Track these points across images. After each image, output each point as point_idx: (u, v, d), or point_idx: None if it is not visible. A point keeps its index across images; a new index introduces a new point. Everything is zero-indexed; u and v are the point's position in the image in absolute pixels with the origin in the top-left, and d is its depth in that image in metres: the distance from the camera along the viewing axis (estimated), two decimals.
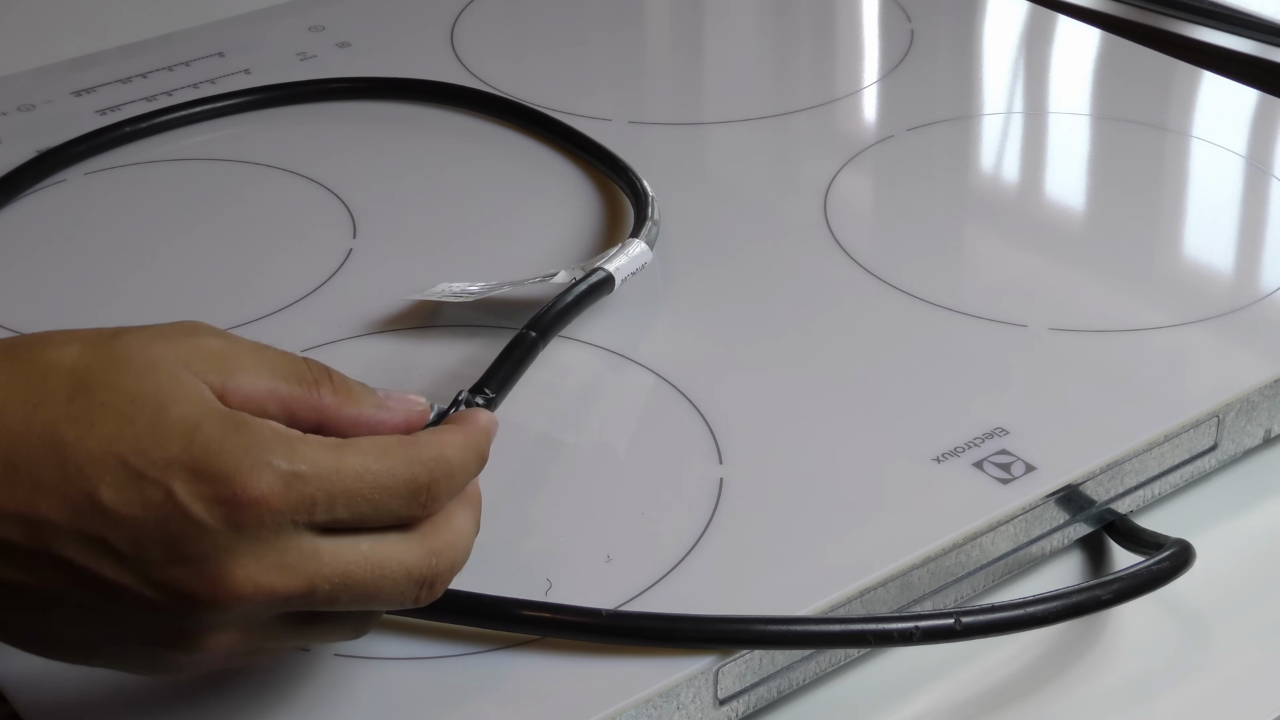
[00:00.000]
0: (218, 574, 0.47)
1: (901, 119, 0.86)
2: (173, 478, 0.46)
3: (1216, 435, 0.67)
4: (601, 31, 0.98)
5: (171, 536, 0.46)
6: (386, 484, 0.49)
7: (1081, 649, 0.60)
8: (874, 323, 0.72)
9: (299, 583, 0.48)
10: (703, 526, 0.61)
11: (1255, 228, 0.79)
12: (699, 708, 0.56)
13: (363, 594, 0.49)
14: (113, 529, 0.46)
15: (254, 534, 0.47)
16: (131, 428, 0.47)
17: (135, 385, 0.47)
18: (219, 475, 0.46)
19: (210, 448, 0.47)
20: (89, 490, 0.46)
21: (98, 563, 0.47)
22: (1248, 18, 0.97)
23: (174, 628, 0.48)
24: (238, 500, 0.46)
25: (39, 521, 0.46)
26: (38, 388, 0.47)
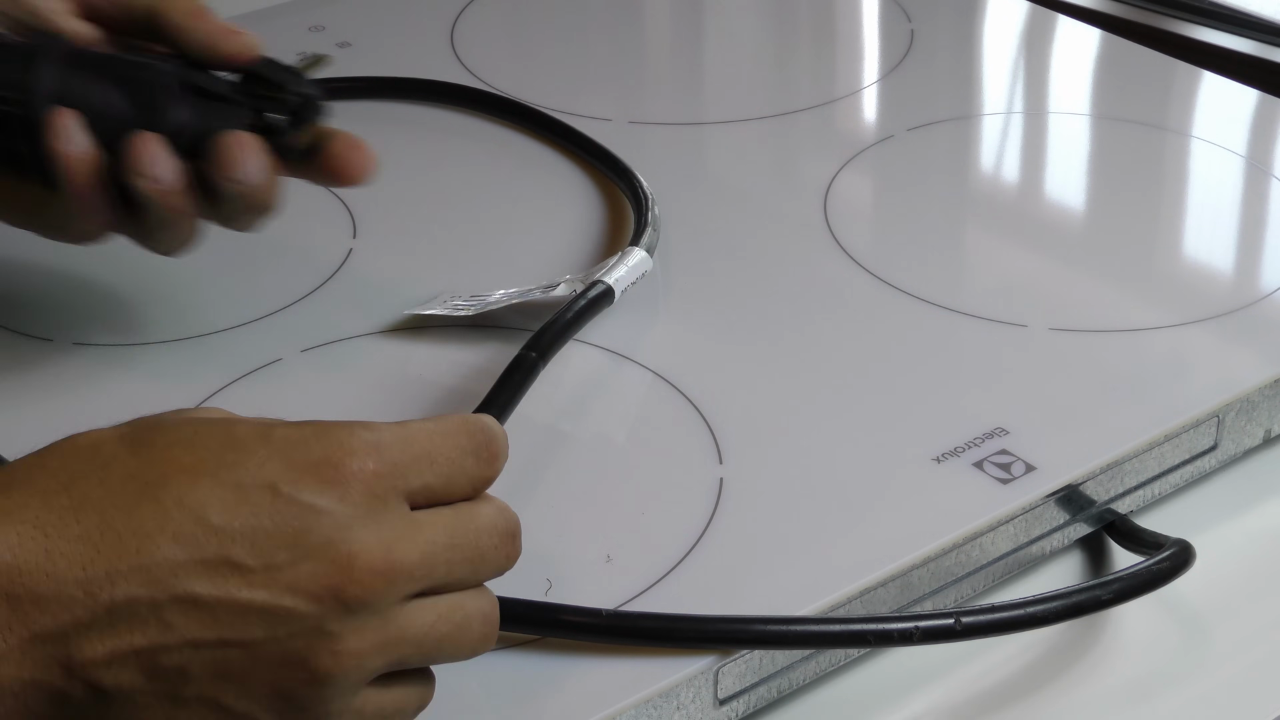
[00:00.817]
0: (346, 554, 0.46)
1: (901, 119, 0.86)
2: (272, 477, 0.46)
3: (1216, 435, 0.67)
4: (601, 31, 0.98)
5: (291, 531, 0.46)
6: (453, 438, 0.49)
7: (1081, 649, 0.60)
8: (874, 323, 0.72)
9: (415, 552, 0.47)
10: (703, 526, 0.61)
11: (1255, 228, 0.79)
12: (699, 708, 0.56)
13: (470, 554, 0.49)
14: (231, 544, 0.46)
15: (365, 506, 0.47)
16: (209, 452, 0.47)
17: (186, 427, 0.48)
18: (314, 461, 0.47)
19: (291, 440, 0.47)
20: (196, 516, 0.46)
21: (225, 587, 0.46)
22: (1248, 18, 0.97)
23: (313, 642, 0.46)
24: (341, 476, 0.47)
25: (155, 565, 0.45)
26: (95, 456, 0.47)
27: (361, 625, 0.47)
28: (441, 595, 0.49)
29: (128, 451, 0.47)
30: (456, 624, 0.49)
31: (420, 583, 0.48)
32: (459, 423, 0.50)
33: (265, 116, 0.65)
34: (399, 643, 0.48)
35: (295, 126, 0.65)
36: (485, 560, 0.50)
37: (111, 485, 0.46)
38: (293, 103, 0.65)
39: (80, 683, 0.45)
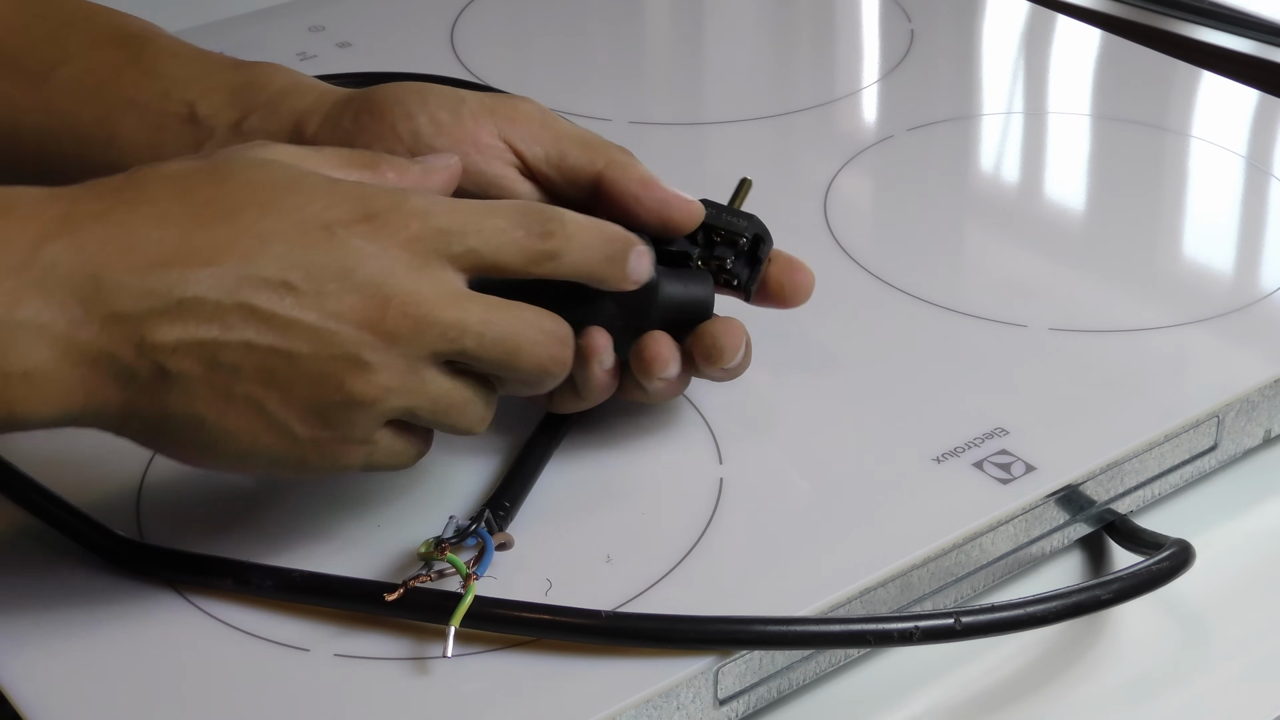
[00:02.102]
0: (385, 294, 0.53)
1: (901, 119, 0.86)
2: (330, 220, 0.54)
3: (1216, 435, 0.67)
4: (601, 31, 0.98)
5: (341, 267, 0.53)
6: (503, 212, 0.56)
7: (1081, 649, 0.60)
8: (874, 323, 0.72)
9: (449, 312, 0.54)
10: (703, 526, 0.61)
11: (1255, 228, 0.79)
12: (699, 708, 0.56)
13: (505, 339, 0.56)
14: (289, 269, 0.53)
15: (408, 263, 0.54)
16: (281, 190, 0.54)
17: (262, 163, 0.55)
18: (367, 211, 0.54)
19: (352, 193, 0.55)
20: (263, 241, 0.53)
21: (280, 303, 0.53)
22: (1248, 18, 0.97)
23: (349, 366, 0.54)
24: (387, 229, 0.54)
25: (223, 273, 0.52)
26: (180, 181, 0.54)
27: (390, 363, 0.54)
28: (464, 373, 0.56)
29: (208, 180, 0.54)
30: (463, 399, 0.56)
31: (449, 343, 0.55)
32: (513, 202, 0.58)
33: (726, 272, 0.64)
34: (417, 393, 0.55)
35: (753, 270, 0.64)
36: (522, 351, 0.56)
37: (192, 205, 0.53)
38: (745, 248, 0.64)
39: (148, 362, 0.52)
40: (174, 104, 0.66)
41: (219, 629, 0.57)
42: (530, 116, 0.64)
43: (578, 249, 0.57)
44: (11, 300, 0.51)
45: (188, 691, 0.55)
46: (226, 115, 0.65)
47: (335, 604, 0.57)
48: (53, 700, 0.54)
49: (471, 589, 0.55)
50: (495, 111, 0.63)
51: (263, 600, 0.58)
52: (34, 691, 0.55)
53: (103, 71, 0.67)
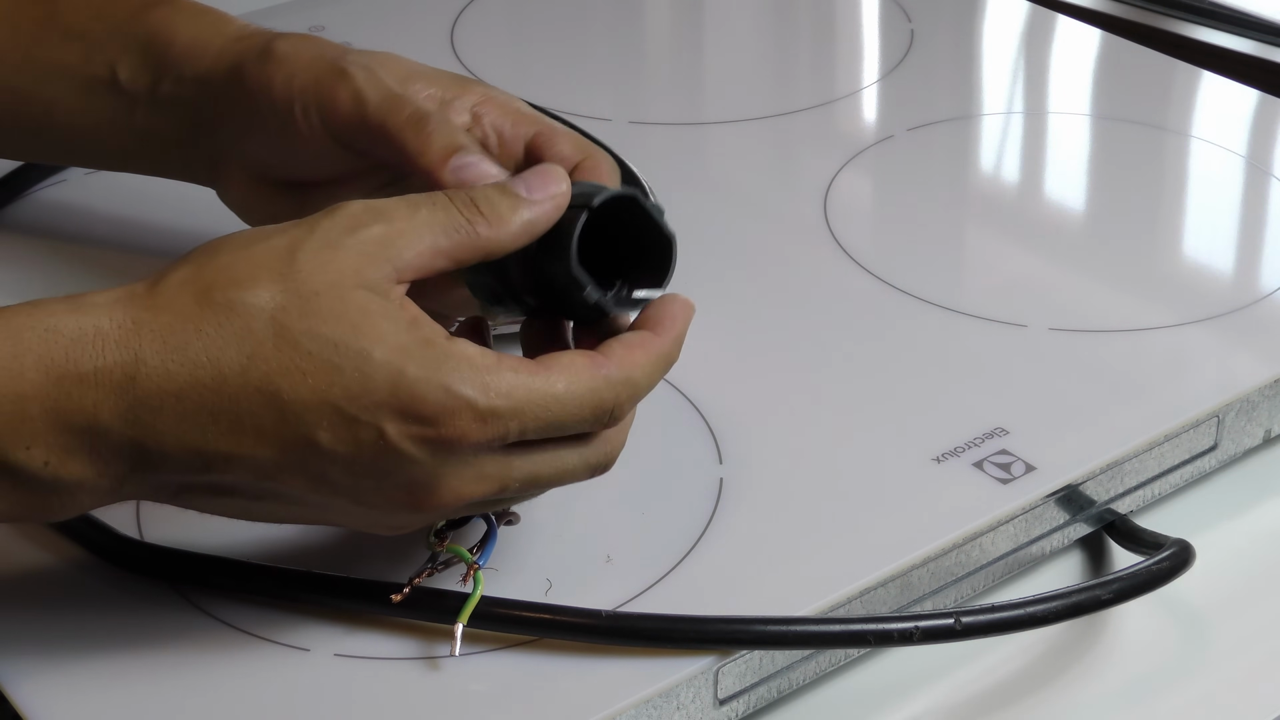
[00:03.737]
0: (424, 494, 0.53)
1: (901, 119, 0.86)
2: (384, 420, 0.51)
3: (1216, 435, 0.67)
4: (601, 31, 0.98)
5: (384, 469, 0.52)
6: (573, 410, 0.53)
7: (1081, 649, 0.60)
8: (874, 323, 0.72)
9: (492, 487, 0.53)
10: (703, 526, 0.61)
11: (1255, 228, 0.79)
12: (699, 708, 0.56)
13: (545, 486, 0.55)
14: (330, 465, 0.52)
15: (456, 460, 0.52)
16: (341, 377, 0.51)
17: (334, 332, 0.51)
18: (425, 418, 0.51)
19: (415, 391, 0.51)
20: (307, 435, 0.51)
21: (317, 488, 0.52)
22: (1248, 18, 0.97)
23: (383, 524, 0.55)
24: (442, 439, 0.51)
25: (264, 464, 0.52)
26: (246, 339, 0.51)
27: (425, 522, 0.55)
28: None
29: (274, 344, 0.51)
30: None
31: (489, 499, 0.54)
32: (592, 388, 0.53)
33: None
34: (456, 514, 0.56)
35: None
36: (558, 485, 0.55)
37: (250, 379, 0.51)
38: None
39: (184, 501, 0.54)
40: (97, 67, 0.68)
41: (219, 629, 0.57)
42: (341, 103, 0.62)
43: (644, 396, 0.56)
44: (63, 457, 0.51)
45: (188, 691, 0.55)
46: (142, 79, 0.67)
47: (337, 604, 0.57)
48: (53, 700, 0.54)
49: (479, 585, 0.55)
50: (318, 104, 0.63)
51: (263, 600, 0.58)
52: (34, 691, 0.55)
53: (28, 31, 0.69)
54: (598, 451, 0.55)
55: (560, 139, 0.62)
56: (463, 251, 0.54)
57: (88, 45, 0.68)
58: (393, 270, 0.53)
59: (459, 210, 0.54)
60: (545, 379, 0.53)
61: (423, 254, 0.53)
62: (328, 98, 0.63)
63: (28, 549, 0.60)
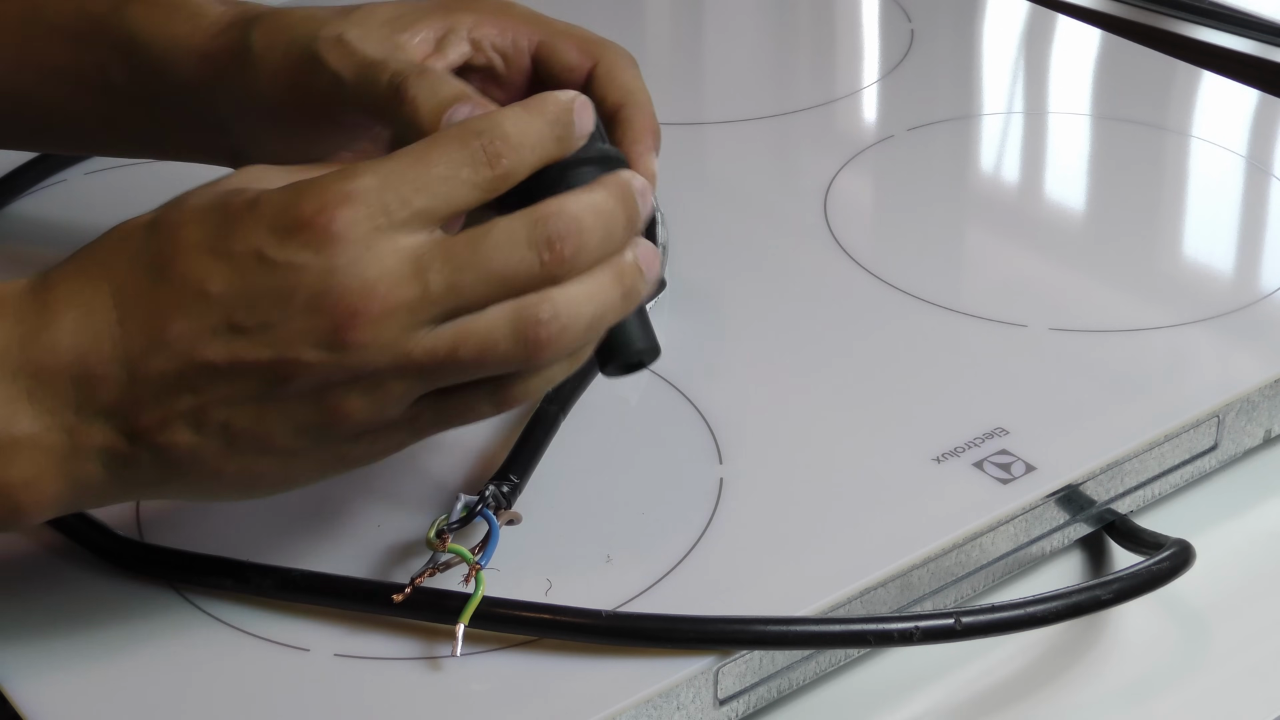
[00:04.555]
0: (333, 305, 0.49)
1: (901, 119, 0.86)
2: (257, 243, 0.50)
3: (1216, 435, 0.67)
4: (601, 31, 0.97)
5: (280, 290, 0.50)
6: (440, 157, 0.51)
7: (1081, 649, 0.60)
8: (874, 323, 0.72)
9: (409, 286, 0.50)
10: (703, 526, 0.61)
11: (1255, 228, 0.79)
12: (699, 708, 0.56)
13: (477, 271, 0.50)
14: (230, 310, 0.50)
15: (347, 256, 0.49)
16: (209, 225, 0.51)
17: (202, 202, 0.51)
18: (292, 222, 0.50)
19: (275, 202, 0.50)
20: (197, 290, 0.50)
21: (233, 349, 0.50)
22: (1248, 18, 0.97)
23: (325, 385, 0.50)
24: (317, 233, 0.49)
25: (173, 339, 0.50)
26: (129, 241, 0.52)
27: (375, 366, 0.50)
28: (466, 316, 0.51)
29: (148, 234, 0.51)
30: (481, 342, 0.51)
31: (427, 312, 0.50)
32: (447, 138, 0.51)
33: None
34: (422, 370, 0.51)
35: None
36: (500, 277, 0.51)
37: (137, 270, 0.51)
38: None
39: (144, 448, 0.51)
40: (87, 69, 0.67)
41: (219, 629, 0.57)
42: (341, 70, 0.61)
43: (528, 152, 0.52)
44: (8, 414, 0.51)
45: (188, 691, 0.55)
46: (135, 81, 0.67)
47: (337, 604, 0.57)
48: (53, 700, 0.54)
49: (481, 585, 0.55)
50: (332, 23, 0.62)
51: (263, 600, 0.58)
52: (34, 691, 0.55)
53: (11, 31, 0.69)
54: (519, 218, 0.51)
55: (564, 48, 0.61)
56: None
57: (76, 46, 0.68)
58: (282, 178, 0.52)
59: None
60: (403, 149, 0.51)
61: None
62: (305, 92, 0.62)
63: (28, 549, 0.60)
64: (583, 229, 0.51)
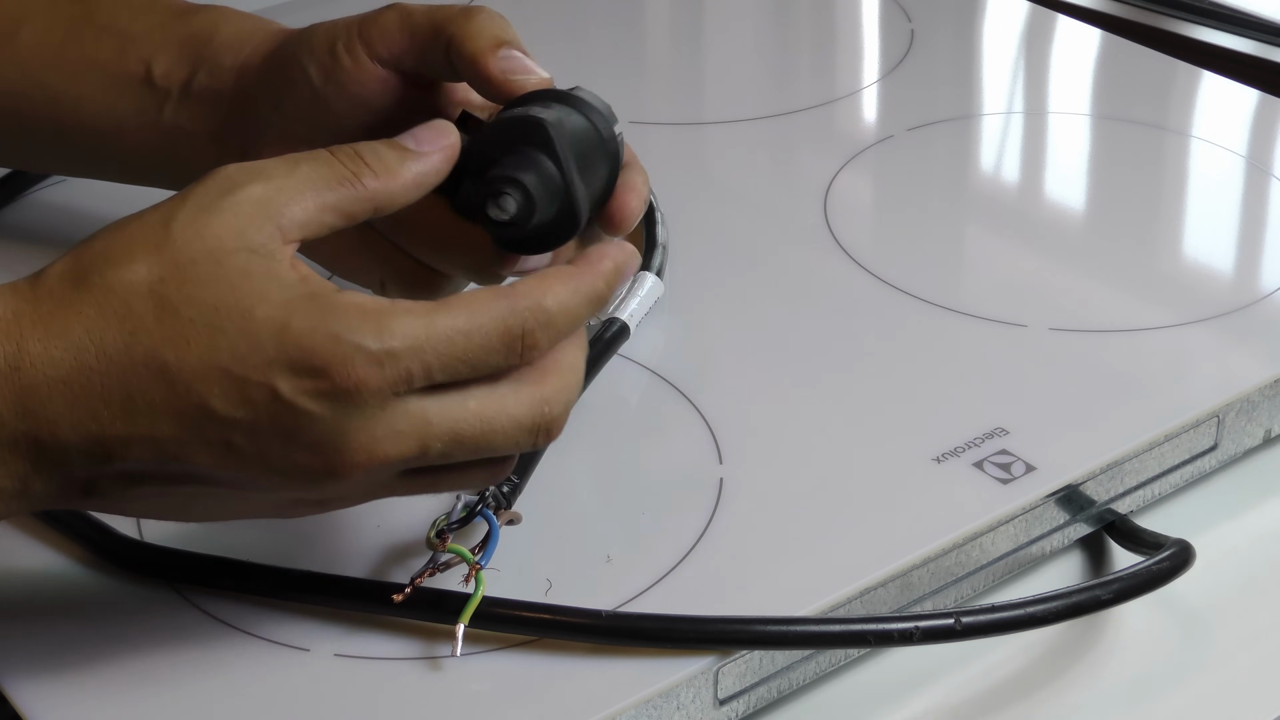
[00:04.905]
0: (334, 453, 0.50)
1: (901, 119, 0.86)
2: (274, 377, 0.49)
3: (1216, 435, 0.67)
4: (601, 31, 0.98)
5: (286, 429, 0.50)
6: (479, 342, 0.51)
7: (1081, 649, 0.60)
8: (874, 323, 0.72)
9: (411, 446, 0.51)
10: (703, 526, 0.61)
11: (1255, 228, 0.79)
12: (699, 708, 0.56)
13: (475, 448, 0.52)
14: (231, 432, 0.50)
15: (360, 413, 0.50)
16: (225, 339, 0.49)
17: (213, 295, 0.50)
18: (316, 369, 0.49)
19: (303, 344, 0.49)
20: (200, 404, 0.49)
21: (224, 463, 0.50)
22: (1248, 18, 0.97)
23: (301, 500, 0.52)
24: (338, 389, 0.49)
25: (163, 440, 0.50)
26: (127, 317, 0.50)
27: (357, 493, 0.53)
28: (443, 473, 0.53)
29: (154, 316, 0.49)
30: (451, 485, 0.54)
31: (413, 464, 0.52)
32: (496, 316, 0.51)
33: None
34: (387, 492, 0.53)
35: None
36: (494, 450, 0.52)
37: (135, 355, 0.49)
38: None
39: (96, 499, 0.52)
40: (131, 63, 0.67)
41: (219, 629, 0.57)
42: (389, 27, 0.62)
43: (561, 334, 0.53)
44: None
45: (188, 691, 0.55)
46: (178, 74, 0.66)
47: (337, 604, 0.57)
48: (53, 700, 0.54)
49: (481, 585, 0.55)
50: (362, 35, 0.62)
51: (263, 600, 0.58)
52: (34, 691, 0.55)
53: (62, 29, 0.69)
54: (529, 403, 0.52)
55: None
56: (351, 204, 0.52)
57: (123, 42, 0.68)
58: (276, 230, 0.51)
59: (342, 163, 0.53)
60: (446, 314, 0.50)
61: (308, 209, 0.51)
62: (373, 23, 0.62)
63: (28, 549, 0.60)
64: (570, 408, 0.53)
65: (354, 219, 0.53)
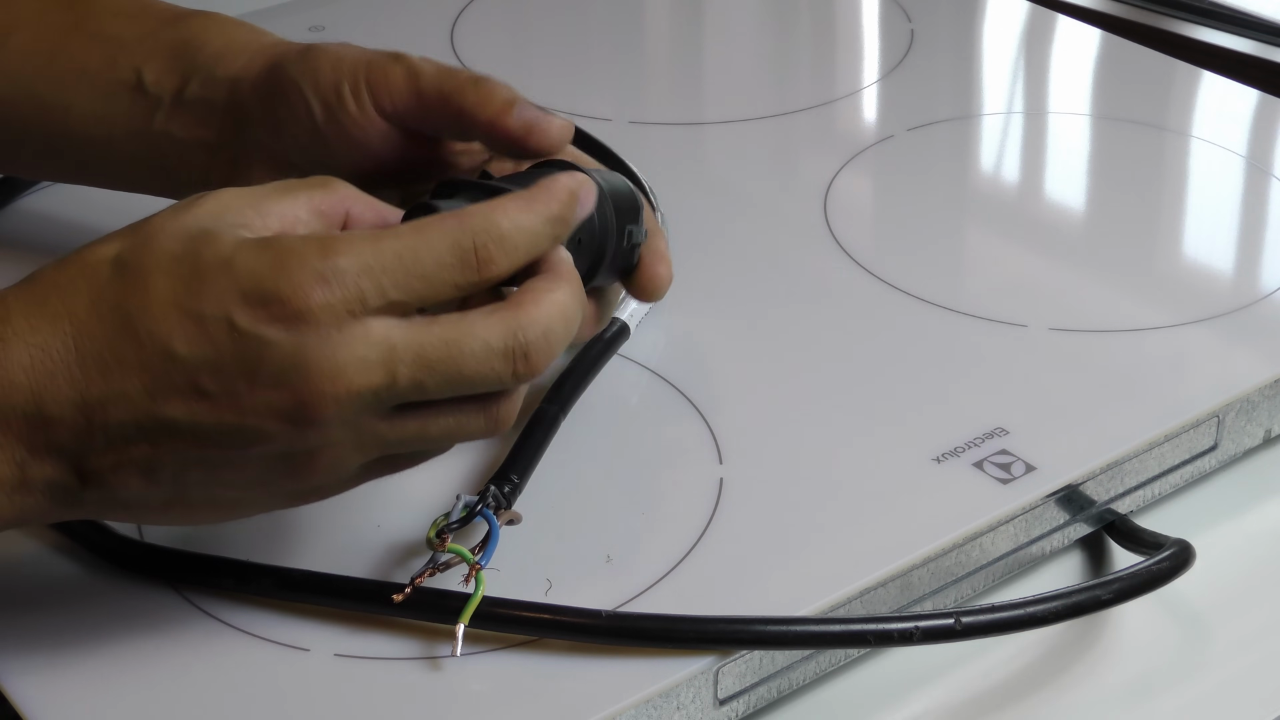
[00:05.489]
0: (300, 382, 0.50)
1: (901, 119, 0.86)
2: (229, 308, 0.50)
3: (1216, 435, 0.67)
4: (601, 31, 0.98)
5: (248, 361, 0.50)
6: (431, 258, 0.51)
7: (1081, 649, 0.60)
8: (874, 323, 0.72)
9: (377, 373, 0.50)
10: (703, 526, 0.61)
11: (1255, 228, 0.79)
12: (699, 708, 0.56)
13: (447, 374, 0.51)
14: (195, 373, 0.50)
15: (317, 335, 0.50)
16: (180, 282, 0.50)
17: (173, 246, 0.51)
18: (267, 295, 0.50)
19: (254, 272, 0.50)
20: (164, 349, 0.50)
21: (194, 411, 0.50)
22: (1248, 18, 0.97)
23: (286, 453, 0.52)
24: (290, 312, 0.50)
25: (134, 393, 0.50)
26: (94, 280, 0.51)
27: (332, 439, 0.51)
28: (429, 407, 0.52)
29: (116, 276, 0.51)
30: (449, 426, 0.53)
31: (387, 400, 0.51)
32: (443, 232, 0.51)
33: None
34: (383, 443, 0.53)
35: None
36: (468, 378, 0.52)
37: (101, 313, 0.51)
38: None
39: (93, 486, 0.52)
40: (121, 70, 0.68)
41: (219, 629, 0.57)
42: (396, 81, 0.63)
43: (520, 253, 0.53)
44: None
45: (188, 691, 0.55)
46: (169, 82, 0.67)
47: (337, 604, 0.57)
48: (53, 700, 0.54)
49: (481, 585, 0.55)
50: (370, 84, 0.63)
51: (263, 600, 0.58)
52: (34, 691, 0.55)
53: (52, 37, 0.69)
54: (500, 328, 0.52)
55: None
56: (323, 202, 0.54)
57: (114, 49, 0.68)
58: (248, 215, 0.52)
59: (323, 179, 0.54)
60: (393, 235, 0.51)
61: (282, 202, 0.53)
62: (381, 75, 0.63)
63: (28, 549, 0.60)
64: (553, 341, 0.53)
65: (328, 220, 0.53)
